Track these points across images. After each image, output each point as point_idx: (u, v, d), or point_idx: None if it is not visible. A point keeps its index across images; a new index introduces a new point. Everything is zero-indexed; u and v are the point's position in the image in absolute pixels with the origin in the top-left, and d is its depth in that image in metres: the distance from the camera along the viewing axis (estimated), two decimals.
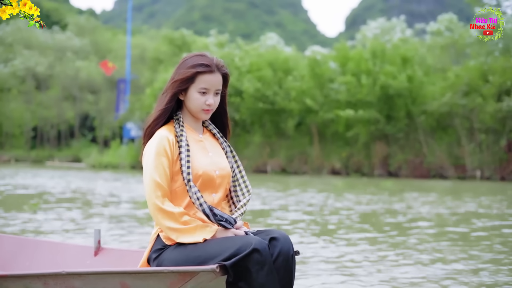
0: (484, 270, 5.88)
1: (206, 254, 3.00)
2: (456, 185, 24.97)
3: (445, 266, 6.09)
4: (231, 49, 40.44)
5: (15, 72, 53.25)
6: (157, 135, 3.23)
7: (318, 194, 17.11)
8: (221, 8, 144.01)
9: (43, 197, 14.35)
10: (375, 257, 6.58)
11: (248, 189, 3.44)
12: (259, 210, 11.90)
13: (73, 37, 56.18)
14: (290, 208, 12.38)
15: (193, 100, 3.28)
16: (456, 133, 32.30)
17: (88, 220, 9.79)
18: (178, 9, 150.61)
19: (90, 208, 12.03)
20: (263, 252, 2.94)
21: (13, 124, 55.60)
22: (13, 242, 4.26)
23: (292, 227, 9.14)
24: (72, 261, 4.00)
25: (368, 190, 19.59)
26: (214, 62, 3.28)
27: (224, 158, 3.42)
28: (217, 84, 3.30)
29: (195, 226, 3.09)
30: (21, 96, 55.24)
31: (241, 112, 35.90)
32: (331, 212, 11.70)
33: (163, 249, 3.16)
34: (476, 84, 31.10)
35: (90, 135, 58.95)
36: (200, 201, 3.13)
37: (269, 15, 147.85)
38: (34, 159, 51.06)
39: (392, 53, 33.81)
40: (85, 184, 20.49)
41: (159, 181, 3.12)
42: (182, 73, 3.26)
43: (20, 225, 8.86)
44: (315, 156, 34.93)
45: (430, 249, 7.21)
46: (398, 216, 11.22)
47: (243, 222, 3.29)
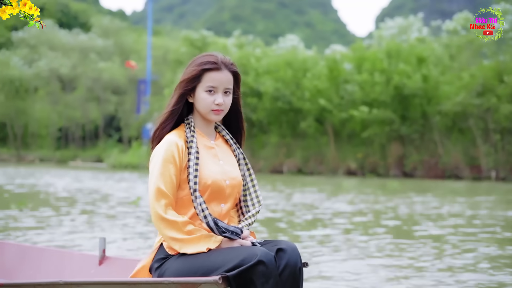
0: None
1: (209, 264, 2.88)
2: (456, 185, 24.78)
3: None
4: (251, 50, 40.53)
5: (40, 73, 54.02)
6: (166, 140, 3.10)
7: (314, 194, 17.17)
8: (250, 8, 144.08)
9: (37, 196, 14.63)
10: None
11: (259, 199, 3.28)
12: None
13: (96, 38, 56.79)
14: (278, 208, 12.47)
15: (201, 100, 3.14)
16: (471, 134, 32.01)
17: (57, 218, 10.03)
18: (208, 10, 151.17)
19: (72, 207, 12.26)
20: (268, 264, 2.81)
21: (39, 125, 56.47)
22: (16, 249, 4.19)
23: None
24: (77, 270, 3.91)
25: (364, 191, 19.56)
26: (220, 60, 3.15)
27: (236, 166, 3.26)
28: (225, 82, 3.15)
29: (199, 236, 2.97)
30: (47, 97, 56.05)
31: (258, 112, 35.99)
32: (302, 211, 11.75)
33: (166, 258, 3.04)
34: (491, 84, 30.77)
35: (117, 135, 59.56)
36: (204, 213, 3.00)
37: (299, 15, 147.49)
38: (58, 159, 51.74)
39: (407, 53, 33.64)
40: (88, 184, 20.78)
41: (163, 189, 2.99)
42: (188, 72, 3.15)
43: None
44: (331, 157, 34.87)
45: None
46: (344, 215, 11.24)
47: (250, 231, 3.14)
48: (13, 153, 53.52)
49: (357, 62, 35.31)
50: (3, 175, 25.68)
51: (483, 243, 8.15)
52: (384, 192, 19.28)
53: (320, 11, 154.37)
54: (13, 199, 13.87)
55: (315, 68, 36.44)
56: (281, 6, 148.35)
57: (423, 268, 6.32)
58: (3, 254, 4.20)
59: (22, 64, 54.89)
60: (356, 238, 8.48)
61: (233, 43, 42.51)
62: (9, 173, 27.96)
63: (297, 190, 19.70)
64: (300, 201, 14.68)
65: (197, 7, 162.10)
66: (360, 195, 17.53)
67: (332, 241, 8.12)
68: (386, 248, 7.56)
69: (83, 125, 58.00)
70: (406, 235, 8.99)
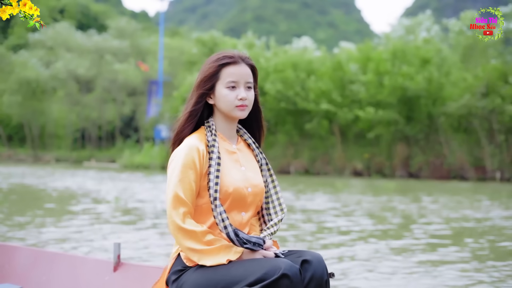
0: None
1: (229, 277, 2.69)
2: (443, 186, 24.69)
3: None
4: (260, 50, 40.69)
5: (57, 75, 54.58)
6: (186, 143, 2.90)
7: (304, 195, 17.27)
8: (273, 8, 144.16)
9: (20, 195, 14.92)
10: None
11: (282, 207, 3.06)
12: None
13: (111, 39, 57.21)
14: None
15: (223, 97, 2.93)
16: (476, 134, 31.84)
17: (27, 217, 10.29)
18: (231, 10, 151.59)
19: (56, 205, 12.53)
20: (293, 278, 2.61)
21: (57, 126, 57.11)
22: (29, 254, 4.07)
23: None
24: (91, 276, 3.77)
25: (356, 191, 19.61)
26: (237, 54, 2.97)
27: (258, 172, 3.06)
28: (246, 76, 2.95)
29: (219, 247, 2.78)
30: (65, 98, 56.61)
31: (264, 112, 36.02)
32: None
33: (184, 270, 2.85)
34: (495, 85, 30.61)
35: (135, 136, 59.98)
36: (225, 223, 2.79)
37: (322, 15, 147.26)
38: (74, 160, 52.27)
39: (412, 54, 33.54)
40: (84, 184, 21.05)
41: (182, 196, 2.80)
42: (205, 70, 2.96)
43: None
44: (338, 157, 34.90)
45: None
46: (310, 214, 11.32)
47: (273, 241, 2.97)
48: (30, 153, 54.20)
49: (363, 63, 35.31)
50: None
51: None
52: (375, 194, 19.29)
53: (343, 11, 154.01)
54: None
55: (320, 69, 36.48)
56: (304, 6, 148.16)
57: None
58: (15, 258, 4.10)
59: (39, 66, 55.51)
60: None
61: (244, 44, 42.67)
62: (4, 173, 28.40)
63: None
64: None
65: (220, 8, 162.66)
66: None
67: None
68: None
69: (100, 126, 58.48)
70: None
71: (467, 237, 9.40)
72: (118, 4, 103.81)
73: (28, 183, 21.04)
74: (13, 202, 13.66)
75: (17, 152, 54.77)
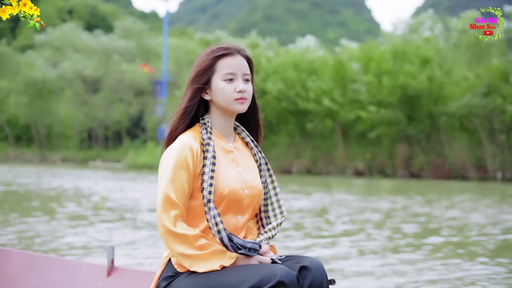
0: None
1: (222, 284, 2.54)
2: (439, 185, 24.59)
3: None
4: (264, 50, 40.71)
5: (64, 75, 54.80)
6: (179, 142, 2.71)
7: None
8: (283, 8, 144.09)
9: (14, 194, 15.01)
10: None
11: (282, 210, 2.88)
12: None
13: (118, 40, 57.37)
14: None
15: (220, 91, 2.74)
16: (477, 134, 31.73)
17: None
18: (241, 10, 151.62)
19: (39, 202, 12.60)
20: (290, 285, 2.45)
21: (64, 126, 57.33)
22: (22, 258, 3.96)
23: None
24: (84, 282, 3.67)
25: (350, 190, 19.58)
26: (232, 45, 2.79)
27: (256, 173, 2.88)
28: (243, 67, 2.77)
29: (212, 252, 2.62)
30: (72, 98, 56.83)
31: (266, 112, 36.11)
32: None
33: (174, 276, 2.68)
34: (496, 85, 30.49)
35: (143, 136, 60.10)
36: (218, 227, 2.61)
37: (332, 14, 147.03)
38: (81, 160, 52.41)
39: (412, 53, 33.46)
40: (77, 183, 21.12)
41: (173, 198, 2.62)
42: (199, 64, 2.78)
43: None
44: (339, 157, 34.86)
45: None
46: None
47: (270, 245, 2.80)
48: (37, 153, 54.42)
49: (364, 62, 35.26)
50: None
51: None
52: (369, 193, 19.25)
53: (353, 11, 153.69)
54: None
55: (322, 69, 36.46)
56: (314, 6, 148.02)
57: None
58: (8, 262, 3.98)
59: (46, 66, 55.75)
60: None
61: (247, 44, 42.71)
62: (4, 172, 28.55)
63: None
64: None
65: (230, 8, 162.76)
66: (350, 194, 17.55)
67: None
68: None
69: (107, 126, 58.65)
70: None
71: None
72: (127, 4, 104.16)
73: (19, 182, 21.13)
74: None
75: (24, 152, 54.96)
